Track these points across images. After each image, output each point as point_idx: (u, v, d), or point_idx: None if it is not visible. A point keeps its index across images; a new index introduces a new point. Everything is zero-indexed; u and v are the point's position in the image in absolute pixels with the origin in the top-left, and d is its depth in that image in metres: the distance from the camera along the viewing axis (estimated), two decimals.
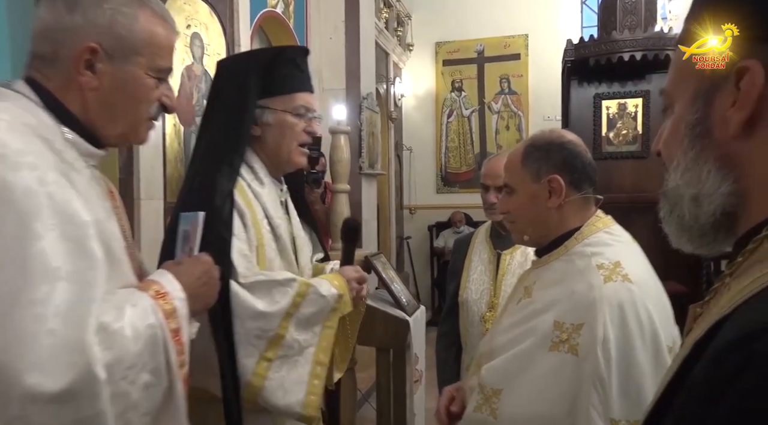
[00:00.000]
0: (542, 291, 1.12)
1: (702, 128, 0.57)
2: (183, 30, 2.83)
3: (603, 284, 1.02)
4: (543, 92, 6.79)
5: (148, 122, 1.01)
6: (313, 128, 1.45)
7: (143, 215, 2.46)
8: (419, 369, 2.53)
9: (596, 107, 4.26)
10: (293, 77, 1.43)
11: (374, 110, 5.07)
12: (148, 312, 0.87)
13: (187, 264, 1.01)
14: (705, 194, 0.56)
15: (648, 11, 3.95)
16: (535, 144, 1.18)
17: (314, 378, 1.32)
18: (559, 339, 1.01)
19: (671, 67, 0.63)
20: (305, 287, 1.33)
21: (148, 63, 0.96)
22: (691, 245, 0.60)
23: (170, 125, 2.73)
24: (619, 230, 1.17)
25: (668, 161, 0.61)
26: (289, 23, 4.22)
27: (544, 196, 1.14)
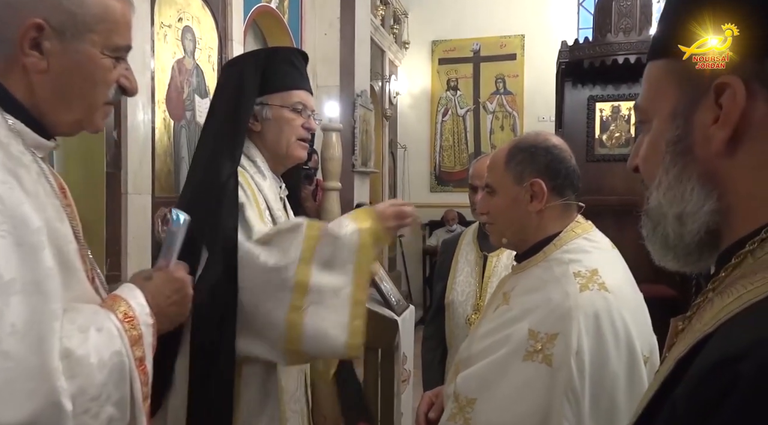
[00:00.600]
0: (519, 298, 1.10)
1: (683, 146, 0.56)
2: (175, 23, 2.81)
3: (579, 293, 1.00)
4: (538, 93, 6.79)
5: (105, 107, 0.91)
6: (311, 124, 1.48)
7: (131, 210, 2.44)
8: (407, 369, 2.52)
9: (590, 109, 4.26)
10: (291, 75, 1.47)
11: (368, 107, 5.05)
12: (114, 338, 0.80)
13: (159, 280, 0.94)
14: (689, 213, 0.55)
15: (643, 14, 3.95)
16: (520, 146, 1.16)
17: (355, 319, 1.30)
18: (534, 348, 0.99)
19: (645, 82, 0.61)
20: (315, 230, 1.32)
21: (102, 41, 0.85)
22: (676, 264, 0.59)
23: (160, 119, 2.70)
24: (599, 236, 1.15)
25: (648, 178, 0.60)
26: (283, 18, 4.19)
27: (526, 199, 1.13)
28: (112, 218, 2.39)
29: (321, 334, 1.27)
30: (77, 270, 0.84)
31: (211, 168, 1.37)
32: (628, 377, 0.97)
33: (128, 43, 0.90)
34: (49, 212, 0.79)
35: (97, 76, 0.87)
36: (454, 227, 6.71)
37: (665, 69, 0.58)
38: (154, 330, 0.88)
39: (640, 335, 1.01)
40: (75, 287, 0.82)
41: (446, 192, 7.36)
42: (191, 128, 2.94)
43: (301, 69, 1.50)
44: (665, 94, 0.58)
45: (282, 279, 1.27)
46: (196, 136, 2.98)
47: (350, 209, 4.55)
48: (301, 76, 1.50)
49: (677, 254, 0.58)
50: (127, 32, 0.90)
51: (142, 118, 2.54)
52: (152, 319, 0.88)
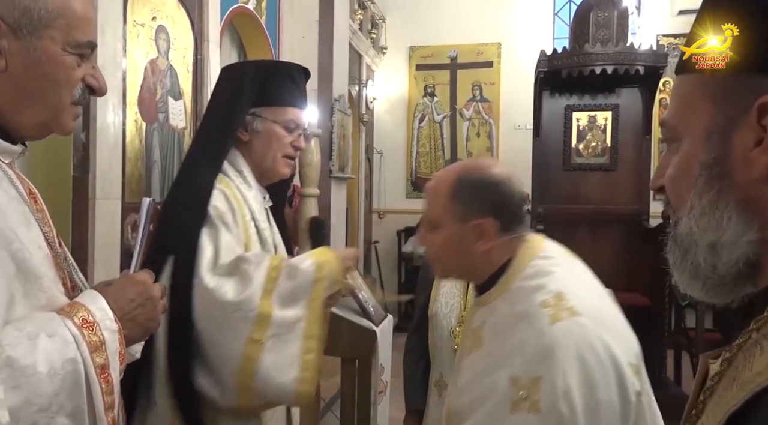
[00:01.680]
0: (492, 341, 1.03)
1: (720, 169, 0.51)
2: (148, 22, 2.71)
3: (551, 326, 0.94)
4: (514, 101, 6.85)
5: (72, 108, 0.86)
6: (300, 143, 1.47)
7: (99, 215, 2.33)
8: (384, 380, 2.48)
9: (567, 118, 4.30)
10: (290, 91, 1.46)
11: (346, 112, 4.99)
12: (68, 345, 0.74)
13: (119, 284, 0.88)
14: (725, 242, 0.51)
15: (620, 26, 4.01)
16: (466, 181, 1.07)
17: (306, 353, 1.28)
18: (519, 397, 0.93)
19: (674, 98, 0.58)
20: (278, 261, 1.31)
21: (63, 37, 0.81)
22: (704, 294, 0.55)
23: (131, 121, 2.60)
24: (554, 249, 1.09)
25: (676, 201, 0.56)
26: (261, 20, 4.11)
27: (471, 239, 1.05)
28: (79, 224, 2.29)
29: (274, 368, 1.24)
30: (40, 277, 0.80)
31: (190, 175, 1.36)
32: (620, 399, 0.93)
33: (91, 40, 0.85)
34: (12, 219, 0.76)
35: (60, 75, 0.82)
36: None
37: (698, 84, 0.54)
38: (120, 336, 0.82)
39: (622, 346, 0.96)
40: (37, 295, 0.78)
41: (422, 198, 7.31)
42: (164, 130, 2.85)
43: (301, 86, 1.50)
44: (698, 111, 0.53)
45: (243, 311, 1.23)
46: (170, 139, 2.89)
47: (327, 217, 4.50)
48: (300, 94, 1.50)
49: (707, 284, 0.54)
50: (88, 28, 0.85)
51: (112, 120, 2.43)
52: (117, 324, 0.82)
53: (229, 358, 1.23)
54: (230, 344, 1.23)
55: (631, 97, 4.20)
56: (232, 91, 1.42)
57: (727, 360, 0.52)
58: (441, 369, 1.82)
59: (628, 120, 4.20)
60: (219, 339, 1.24)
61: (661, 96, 6.15)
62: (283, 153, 1.45)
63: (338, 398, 3.09)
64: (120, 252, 2.45)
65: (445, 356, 1.80)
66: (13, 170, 0.85)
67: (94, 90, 0.88)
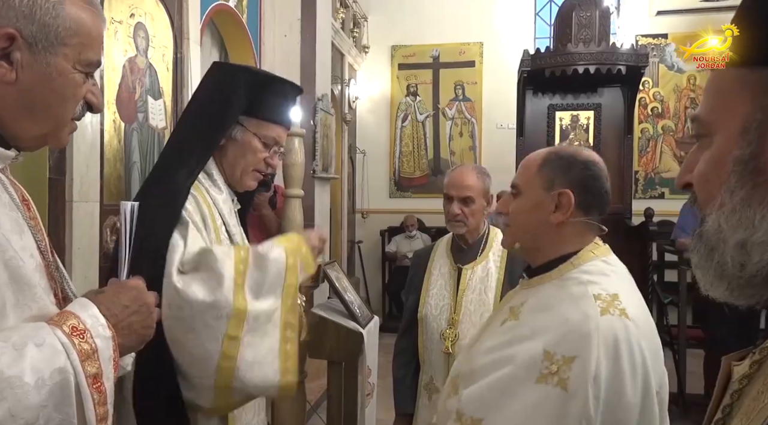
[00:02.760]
0: (531, 315, 1.04)
1: (754, 166, 0.50)
2: (126, 19, 2.64)
3: (600, 316, 0.95)
4: (496, 100, 6.87)
5: (71, 124, 0.88)
6: (273, 162, 1.46)
7: (76, 219, 2.26)
8: (371, 382, 2.46)
9: (550, 117, 4.32)
10: (280, 109, 1.44)
11: (329, 111, 4.95)
12: (57, 354, 0.71)
13: (111, 291, 0.86)
14: (756, 242, 0.49)
15: (602, 26, 4.03)
16: (560, 153, 1.12)
17: (285, 343, 1.26)
18: (549, 370, 0.94)
19: (709, 92, 0.56)
20: (245, 253, 1.29)
21: (75, 55, 0.83)
22: (728, 295, 0.53)
23: (109, 121, 2.53)
24: (616, 260, 1.11)
25: (704, 198, 0.55)
26: (242, 18, 4.05)
27: (550, 208, 1.08)
28: (56, 227, 2.21)
29: (255, 363, 1.21)
30: (33, 287, 0.79)
31: (166, 178, 1.32)
32: (641, 412, 0.93)
33: (99, 59, 0.87)
34: (4, 225, 0.77)
35: (67, 91, 0.83)
36: (413, 233, 6.69)
37: (737, 79, 0.52)
38: (114, 344, 0.79)
39: (654, 368, 0.97)
40: (29, 305, 0.77)
41: (405, 198, 7.34)
42: (143, 130, 2.78)
43: (291, 106, 1.50)
44: (735, 106, 0.52)
45: (217, 309, 1.20)
46: (149, 139, 2.82)
47: (311, 217, 4.45)
48: (288, 113, 1.50)
49: (732, 284, 0.52)
50: (99, 47, 0.87)
51: (89, 120, 2.36)
52: (110, 331, 0.79)
53: (206, 359, 1.20)
54: (206, 345, 1.20)
55: (613, 96, 4.23)
56: (225, 96, 1.38)
57: (756, 362, 0.50)
58: (431, 372, 1.80)
59: (610, 119, 4.23)
60: (194, 340, 1.20)
61: (641, 96, 6.23)
62: (254, 167, 1.43)
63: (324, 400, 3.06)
64: (99, 256, 2.39)
65: (435, 358, 1.78)
66: (6, 176, 0.85)
67: (92, 107, 0.89)
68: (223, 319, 1.20)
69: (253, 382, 1.23)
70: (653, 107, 6.87)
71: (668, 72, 6.83)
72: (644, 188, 6.80)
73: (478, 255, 1.81)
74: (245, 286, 1.23)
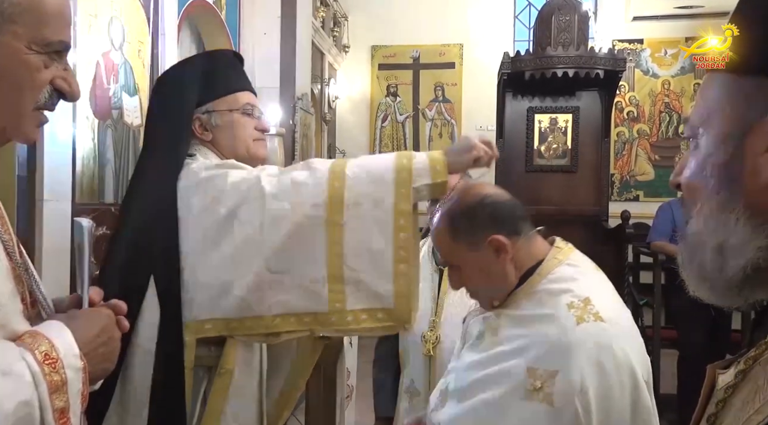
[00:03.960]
0: (510, 331, 1.06)
1: (731, 172, 0.51)
2: (100, 13, 2.57)
3: (576, 326, 0.97)
4: (476, 102, 6.91)
5: (35, 114, 0.77)
6: (264, 125, 1.44)
7: (46, 218, 2.19)
8: (350, 385, 2.43)
9: (529, 120, 4.35)
10: (233, 78, 1.42)
11: (309, 111, 4.91)
12: (24, 385, 0.66)
13: (84, 317, 0.79)
14: (732, 246, 0.50)
15: (580, 30, 4.08)
16: (454, 215, 1.12)
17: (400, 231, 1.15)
18: (533, 386, 0.95)
19: (699, 96, 0.57)
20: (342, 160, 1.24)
21: (29, 34, 0.72)
22: (712, 296, 0.54)
23: (82, 117, 2.45)
24: (581, 259, 1.13)
25: (689, 201, 0.56)
26: (220, 15, 3.98)
27: (492, 258, 1.09)
28: (25, 226, 2.14)
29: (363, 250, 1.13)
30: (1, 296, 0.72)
31: (150, 193, 1.29)
32: (633, 410, 0.95)
33: (63, 39, 0.77)
34: None
35: (21, 76, 0.73)
36: None
37: (722, 84, 0.53)
38: (84, 375, 0.73)
39: (639, 361, 0.99)
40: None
41: None
42: (119, 128, 2.71)
43: (240, 70, 1.47)
44: (718, 112, 0.52)
45: (313, 196, 1.14)
46: (124, 137, 2.75)
47: None
48: (244, 77, 1.46)
49: (714, 286, 0.53)
50: (61, 26, 0.76)
51: (60, 115, 2.29)
52: (81, 362, 0.73)
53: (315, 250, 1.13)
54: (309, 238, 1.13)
55: (591, 100, 4.28)
56: (175, 98, 1.37)
57: (741, 372, 0.50)
58: (411, 376, 1.79)
59: (588, 122, 4.28)
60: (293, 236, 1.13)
61: (617, 100, 6.33)
62: (252, 137, 1.40)
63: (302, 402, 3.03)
64: (70, 257, 2.31)
65: (417, 361, 1.77)
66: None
67: (65, 94, 0.79)
68: (321, 206, 1.14)
69: (365, 271, 1.14)
70: (629, 111, 6.98)
71: (643, 77, 6.95)
72: (620, 191, 6.91)
73: None
74: (346, 176, 1.16)
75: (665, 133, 6.95)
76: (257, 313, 1.17)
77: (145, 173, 1.37)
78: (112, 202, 2.62)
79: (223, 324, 1.19)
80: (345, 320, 1.15)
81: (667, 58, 6.88)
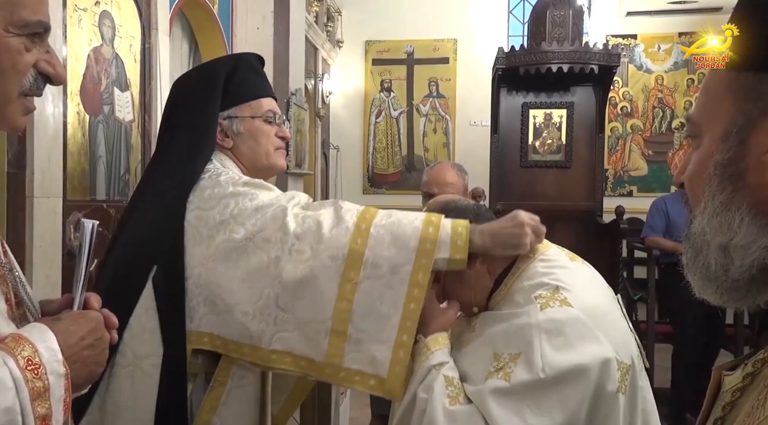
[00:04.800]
0: (485, 327, 1.08)
1: (734, 170, 0.50)
2: (91, 7, 2.53)
3: (539, 312, 0.99)
4: (470, 98, 6.90)
5: (21, 100, 0.75)
6: (285, 133, 1.40)
7: (37, 215, 2.16)
8: None
9: (524, 115, 4.34)
10: (256, 83, 1.39)
11: (302, 106, 4.88)
12: (6, 392, 0.64)
13: (70, 319, 0.77)
14: (737, 246, 0.49)
15: (575, 25, 4.07)
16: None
17: (411, 302, 1.08)
18: (495, 367, 0.98)
19: (701, 93, 0.56)
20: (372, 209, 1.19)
21: (6, 16, 0.69)
22: (718, 298, 0.53)
23: (73, 113, 2.42)
24: (555, 253, 1.13)
25: (693, 199, 0.55)
26: (213, 9, 3.95)
27: (469, 273, 1.11)
28: (15, 224, 2.11)
29: (373, 312, 1.09)
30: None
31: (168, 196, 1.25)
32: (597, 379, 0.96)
33: (41, 19, 0.73)
34: None
35: (2, 60, 0.70)
36: None
37: (725, 81, 0.52)
38: (66, 382, 0.71)
39: (615, 343, 1.00)
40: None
41: (379, 194, 7.31)
42: (110, 123, 2.67)
43: (263, 75, 1.43)
44: (721, 109, 0.51)
45: (334, 248, 1.11)
46: (116, 132, 2.71)
47: None
48: (266, 82, 1.43)
49: (720, 287, 0.52)
50: (38, 5, 0.73)
51: (51, 111, 2.26)
52: (64, 368, 0.71)
53: (323, 301, 1.10)
54: (322, 286, 1.10)
55: (585, 95, 4.28)
56: (197, 103, 1.33)
57: (750, 374, 0.49)
58: None
59: (582, 118, 4.28)
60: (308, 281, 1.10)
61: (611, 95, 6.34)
62: (274, 146, 1.37)
63: None
64: (62, 255, 2.29)
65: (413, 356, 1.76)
66: None
67: (50, 78, 0.76)
68: (340, 261, 1.10)
69: (368, 330, 1.09)
70: (623, 106, 7.00)
71: (637, 72, 6.97)
72: (613, 186, 6.93)
73: None
74: (369, 235, 1.12)
75: (659, 128, 6.97)
76: (256, 343, 1.14)
77: (157, 179, 1.32)
78: (104, 198, 2.60)
79: (221, 343, 1.17)
80: (338, 375, 1.12)
81: (661, 54, 6.90)
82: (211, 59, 1.59)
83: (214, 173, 1.25)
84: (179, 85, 1.45)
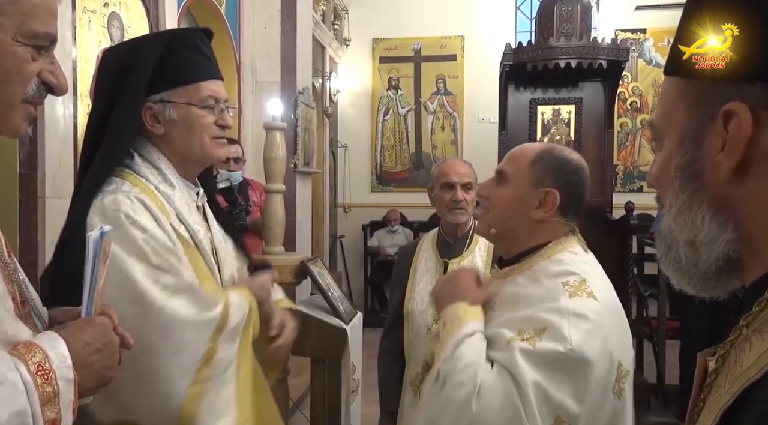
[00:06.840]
0: (507, 306, 1.08)
1: (692, 171, 0.54)
2: (100, 9, 2.56)
3: (567, 298, 1.01)
4: (478, 94, 6.87)
5: (24, 107, 0.77)
6: (226, 121, 1.27)
7: (49, 216, 2.19)
8: (356, 379, 2.43)
9: (532, 111, 4.31)
10: (196, 64, 1.25)
11: (310, 105, 4.89)
12: (17, 395, 0.65)
13: (75, 326, 0.79)
14: (703, 242, 0.53)
15: (583, 20, 4.03)
16: (553, 153, 1.14)
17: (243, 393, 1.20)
18: (518, 337, 0.99)
19: (660, 99, 0.60)
20: (227, 297, 1.22)
21: (15, 26, 0.72)
22: (693, 288, 0.57)
23: (83, 114, 2.45)
24: (582, 250, 1.15)
25: (662, 198, 0.59)
26: (220, 9, 3.97)
27: (533, 204, 1.11)
28: (27, 225, 2.14)
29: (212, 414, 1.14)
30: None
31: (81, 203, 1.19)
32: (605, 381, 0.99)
33: (49, 31, 0.76)
34: None
35: (8, 67, 0.72)
36: (396, 228, 6.67)
37: (677, 89, 0.55)
38: (74, 387, 0.73)
39: (622, 349, 1.03)
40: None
41: (387, 192, 7.31)
42: None
43: (207, 53, 1.28)
44: (676, 115, 0.55)
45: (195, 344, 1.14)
46: None
47: (293, 212, 4.39)
48: (209, 62, 1.28)
49: (692, 279, 0.56)
50: (48, 18, 0.76)
51: (62, 112, 2.28)
52: (73, 374, 0.73)
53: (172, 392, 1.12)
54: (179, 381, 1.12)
55: (594, 91, 4.24)
56: (122, 82, 1.19)
57: (721, 357, 0.53)
58: (417, 369, 1.78)
59: (591, 114, 4.24)
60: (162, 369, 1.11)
61: (620, 90, 6.29)
62: (210, 135, 1.24)
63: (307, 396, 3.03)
64: None
65: (422, 354, 1.76)
66: None
67: (53, 88, 0.79)
68: (198, 359, 1.13)
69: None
70: (632, 101, 6.94)
71: (647, 67, 6.90)
72: (623, 182, 6.88)
73: (464, 250, 1.80)
74: (224, 331, 1.18)
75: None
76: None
77: (80, 169, 1.26)
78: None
79: None
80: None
81: None
82: (147, 34, 1.47)
83: (116, 197, 1.15)
84: (106, 55, 1.31)
